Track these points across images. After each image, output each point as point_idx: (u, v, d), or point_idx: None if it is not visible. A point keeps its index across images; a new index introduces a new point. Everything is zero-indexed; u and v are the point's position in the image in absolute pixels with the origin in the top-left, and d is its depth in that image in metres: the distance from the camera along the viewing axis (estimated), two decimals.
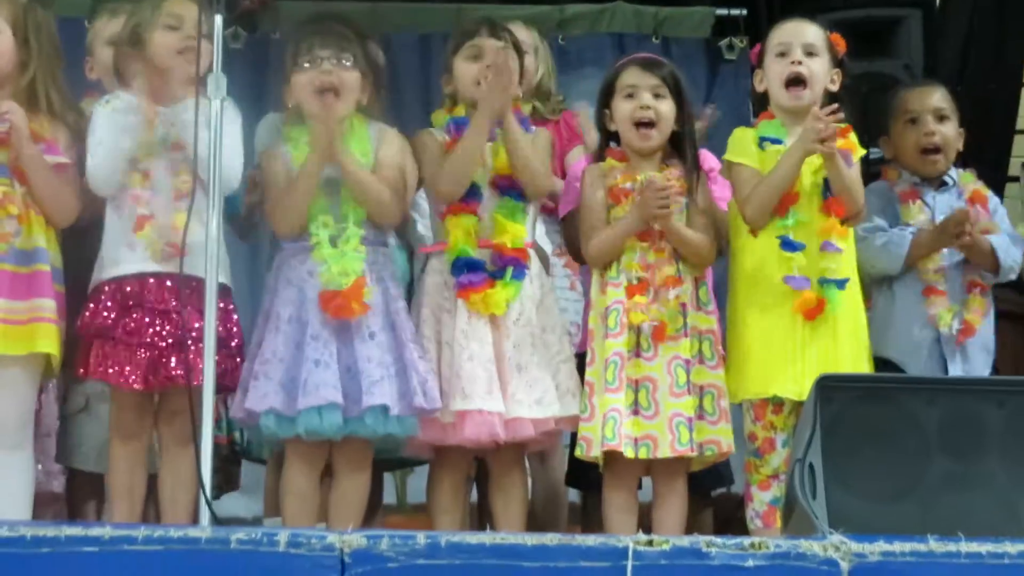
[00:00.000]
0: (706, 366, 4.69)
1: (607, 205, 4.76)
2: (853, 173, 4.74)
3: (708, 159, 5.07)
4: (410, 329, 4.62)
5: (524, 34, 5.33)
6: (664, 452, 4.57)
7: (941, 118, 5.19)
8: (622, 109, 4.77)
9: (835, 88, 4.85)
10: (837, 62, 4.89)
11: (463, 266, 4.67)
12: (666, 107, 4.76)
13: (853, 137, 4.81)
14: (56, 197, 4.55)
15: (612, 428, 4.55)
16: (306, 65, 4.65)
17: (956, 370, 4.98)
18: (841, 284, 4.68)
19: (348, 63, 4.66)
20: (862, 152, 4.86)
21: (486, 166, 4.75)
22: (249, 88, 5.50)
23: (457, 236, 4.70)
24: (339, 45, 4.67)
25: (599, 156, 4.86)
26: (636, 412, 4.58)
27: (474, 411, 4.57)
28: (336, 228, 4.58)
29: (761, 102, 4.95)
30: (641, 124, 4.75)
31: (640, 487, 4.79)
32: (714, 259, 4.81)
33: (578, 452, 4.65)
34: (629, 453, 4.57)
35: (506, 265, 4.69)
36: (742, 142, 4.84)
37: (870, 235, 5.02)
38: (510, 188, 4.76)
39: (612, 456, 4.60)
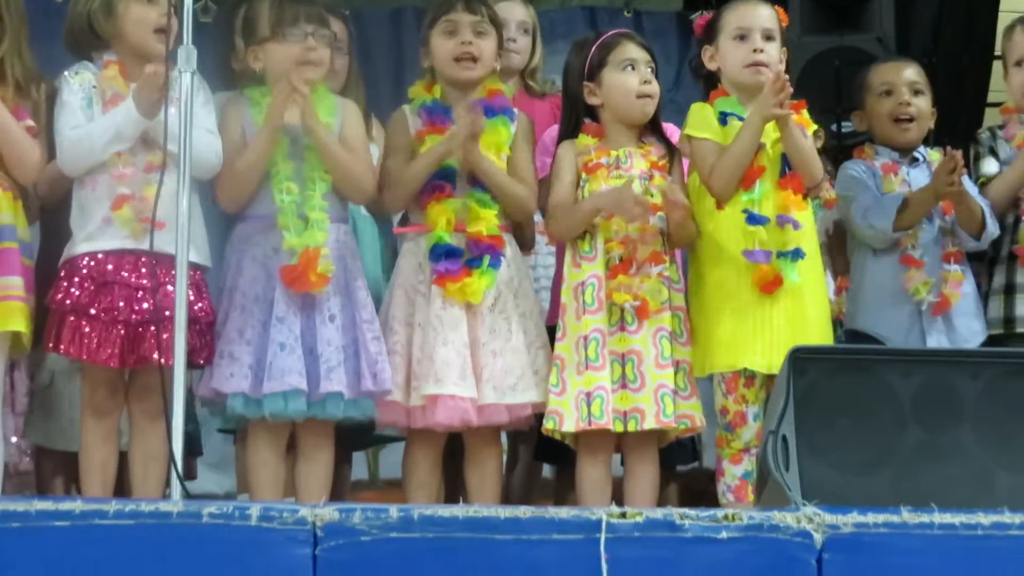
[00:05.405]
0: (679, 342, 4.69)
1: (580, 181, 4.75)
2: (809, 144, 4.75)
3: (675, 134, 5.07)
4: (368, 309, 4.60)
5: (522, 12, 5.32)
6: (650, 423, 4.58)
7: (916, 92, 5.19)
8: (627, 82, 4.76)
9: (782, 67, 4.84)
10: (784, 40, 4.89)
11: (441, 253, 4.63)
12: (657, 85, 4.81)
13: (805, 113, 4.81)
14: (19, 151, 4.47)
15: (600, 406, 4.55)
16: (290, 36, 4.60)
17: (935, 343, 4.95)
18: (795, 255, 4.67)
19: (327, 39, 4.64)
20: (814, 128, 4.87)
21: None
22: (220, 63, 5.45)
23: (440, 223, 4.65)
24: (321, 19, 4.64)
25: (573, 132, 4.83)
26: (624, 386, 4.60)
27: (446, 396, 4.56)
28: (301, 195, 4.55)
29: (710, 79, 4.91)
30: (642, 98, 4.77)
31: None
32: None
33: (550, 425, 4.62)
34: (618, 427, 4.58)
35: (482, 253, 4.65)
36: (703, 117, 4.81)
37: (861, 194, 5.01)
38: None
39: (586, 431, 4.60)
